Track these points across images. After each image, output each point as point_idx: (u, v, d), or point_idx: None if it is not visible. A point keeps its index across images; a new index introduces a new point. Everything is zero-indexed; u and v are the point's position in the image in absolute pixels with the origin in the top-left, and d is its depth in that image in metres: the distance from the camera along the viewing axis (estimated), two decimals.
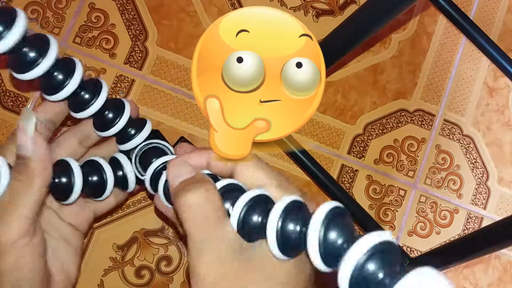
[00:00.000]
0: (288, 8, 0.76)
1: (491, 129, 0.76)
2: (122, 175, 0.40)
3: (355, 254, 0.20)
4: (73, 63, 0.37)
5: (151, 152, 0.40)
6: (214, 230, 0.26)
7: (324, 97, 0.74)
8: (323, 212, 0.23)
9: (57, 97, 0.36)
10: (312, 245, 0.22)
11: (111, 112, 0.39)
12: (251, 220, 0.26)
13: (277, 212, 0.25)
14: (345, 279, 0.21)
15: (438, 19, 0.78)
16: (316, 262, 0.23)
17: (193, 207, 0.27)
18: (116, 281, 0.68)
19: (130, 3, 0.73)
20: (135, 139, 0.40)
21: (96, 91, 0.38)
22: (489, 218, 0.74)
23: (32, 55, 0.33)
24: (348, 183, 0.73)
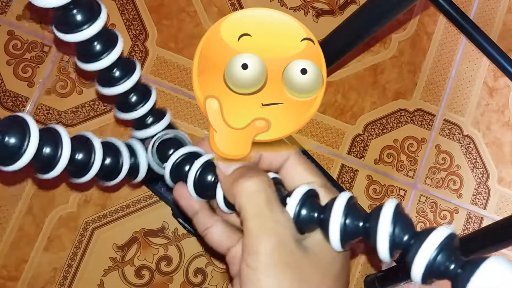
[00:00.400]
0: (288, 8, 0.76)
1: (491, 129, 0.76)
2: (134, 163, 0.38)
3: (427, 249, 0.23)
4: (116, 37, 0.37)
5: (170, 142, 0.38)
6: (275, 215, 0.27)
7: (324, 97, 0.74)
8: (390, 210, 0.25)
9: (95, 66, 0.36)
10: (382, 240, 0.24)
11: (137, 95, 0.38)
12: (307, 213, 0.28)
13: (340, 208, 0.26)
14: (419, 272, 0.23)
15: (438, 19, 0.78)
16: (383, 255, 0.25)
17: (255, 193, 0.27)
18: (116, 281, 0.68)
19: (130, 3, 0.73)
20: (154, 127, 0.39)
21: (130, 70, 0.37)
22: (489, 218, 0.74)
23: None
24: (348, 183, 0.73)
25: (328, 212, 0.27)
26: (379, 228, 0.24)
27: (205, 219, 0.33)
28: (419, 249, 0.23)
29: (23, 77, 0.70)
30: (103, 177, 0.36)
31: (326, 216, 0.27)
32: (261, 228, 0.26)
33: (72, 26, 0.32)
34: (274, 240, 0.26)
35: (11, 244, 0.67)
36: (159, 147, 0.38)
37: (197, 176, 0.33)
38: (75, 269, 0.68)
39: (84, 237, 0.68)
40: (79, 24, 0.32)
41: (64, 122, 0.70)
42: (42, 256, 0.67)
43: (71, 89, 0.71)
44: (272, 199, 0.28)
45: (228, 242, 0.32)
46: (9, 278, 0.67)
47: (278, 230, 0.26)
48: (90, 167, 0.34)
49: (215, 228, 0.33)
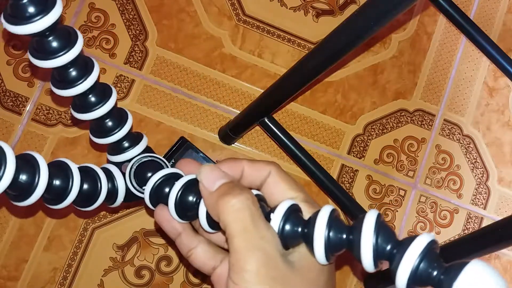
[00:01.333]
0: (288, 8, 0.76)
1: (491, 129, 0.76)
2: (111, 188, 0.37)
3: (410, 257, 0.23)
4: (91, 63, 0.37)
5: (148, 165, 0.37)
6: (260, 232, 0.27)
7: (324, 97, 0.74)
8: (372, 221, 0.25)
9: (68, 93, 0.35)
10: (366, 252, 0.25)
11: (113, 120, 0.38)
12: (291, 228, 0.28)
13: (323, 221, 0.27)
14: (403, 281, 0.23)
15: (438, 19, 0.78)
16: (368, 265, 0.25)
17: (240, 210, 0.27)
18: (116, 281, 0.68)
19: (130, 3, 0.73)
20: (131, 151, 0.38)
21: (105, 96, 0.37)
22: (489, 218, 0.74)
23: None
24: (348, 183, 0.73)
25: (311, 226, 0.27)
26: (362, 239, 0.25)
27: (188, 240, 0.33)
28: (402, 258, 0.23)
29: (23, 77, 0.70)
30: (80, 203, 0.35)
31: (310, 230, 0.27)
32: (247, 245, 0.26)
33: (48, 53, 0.33)
34: (261, 256, 0.26)
35: (11, 244, 0.67)
36: (137, 170, 0.37)
37: (178, 197, 0.32)
38: (75, 269, 0.68)
39: (84, 237, 0.68)
40: (55, 51, 0.33)
41: (64, 122, 0.70)
42: (42, 256, 0.67)
43: None
44: (256, 216, 0.28)
45: (212, 262, 0.32)
46: (9, 278, 0.67)
47: (264, 247, 0.27)
48: (67, 194, 0.33)
49: (199, 249, 0.33)
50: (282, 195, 0.31)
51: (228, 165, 0.31)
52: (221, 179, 0.30)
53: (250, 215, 0.27)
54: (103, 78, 0.71)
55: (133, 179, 0.37)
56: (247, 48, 0.74)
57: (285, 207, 0.28)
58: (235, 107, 0.72)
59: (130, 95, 0.71)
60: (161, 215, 0.34)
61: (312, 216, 0.28)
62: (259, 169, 0.31)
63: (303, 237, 0.28)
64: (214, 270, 0.32)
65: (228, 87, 0.73)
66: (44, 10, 0.31)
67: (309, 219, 0.28)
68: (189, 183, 0.33)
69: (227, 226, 0.27)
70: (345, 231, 0.26)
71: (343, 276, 0.71)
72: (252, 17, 0.75)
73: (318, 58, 0.48)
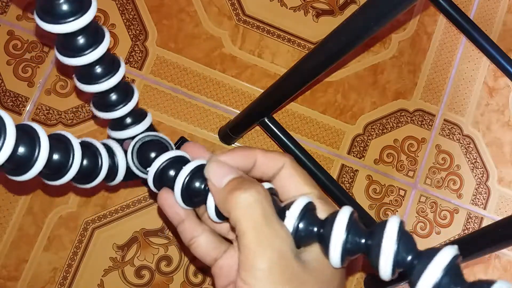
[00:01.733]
0: (288, 8, 0.76)
1: (491, 129, 0.76)
2: (112, 165, 0.34)
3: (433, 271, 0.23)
4: (102, 32, 0.34)
5: (151, 145, 0.35)
6: (273, 229, 0.26)
7: (324, 97, 0.74)
8: (395, 227, 0.24)
9: (76, 62, 0.33)
10: (386, 259, 0.24)
11: (118, 94, 0.35)
12: (306, 227, 0.27)
13: (342, 223, 0.26)
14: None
15: (438, 19, 0.78)
16: (385, 273, 0.24)
17: (251, 206, 0.26)
18: (116, 281, 0.68)
19: (130, 3, 0.73)
20: (135, 128, 0.36)
21: (114, 68, 0.34)
22: (489, 218, 0.74)
23: None
24: (348, 183, 0.73)
25: (328, 228, 0.26)
26: (383, 246, 0.24)
27: (191, 228, 0.31)
28: (424, 271, 0.23)
29: (23, 77, 0.70)
30: (80, 180, 0.33)
31: (327, 231, 0.26)
32: (259, 242, 0.25)
33: (58, 18, 0.30)
34: (273, 255, 0.25)
35: (11, 244, 0.67)
36: (140, 149, 0.35)
37: (186, 182, 0.30)
38: (75, 269, 0.68)
39: (84, 237, 0.68)
40: (65, 15, 0.30)
41: (64, 122, 0.70)
42: (42, 256, 0.67)
43: (71, 89, 0.71)
44: (269, 212, 0.26)
45: (215, 253, 0.31)
46: (9, 278, 0.67)
47: (277, 245, 0.25)
48: (68, 169, 0.31)
49: (202, 238, 0.31)
50: (296, 189, 0.29)
51: (241, 153, 0.29)
52: (230, 174, 0.28)
53: (262, 211, 0.26)
54: None
55: (135, 158, 0.35)
56: (247, 48, 0.74)
57: (301, 205, 0.27)
58: (235, 107, 0.72)
59: None
60: (165, 199, 0.32)
61: (330, 217, 0.27)
62: (273, 160, 0.30)
63: (319, 237, 0.27)
64: (216, 262, 0.31)
65: (228, 87, 0.73)
66: None
67: (326, 219, 0.27)
68: (198, 168, 0.31)
69: (237, 223, 0.26)
70: (364, 236, 0.25)
71: None
72: (252, 17, 0.75)
73: (318, 58, 0.48)
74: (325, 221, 0.27)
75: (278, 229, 0.26)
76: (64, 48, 0.32)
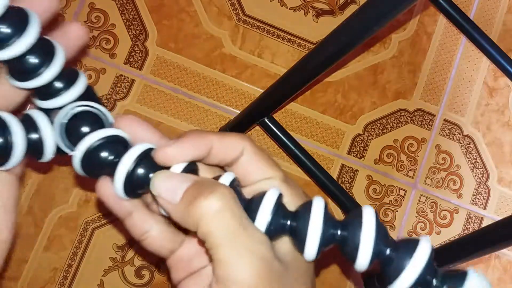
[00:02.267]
0: (288, 8, 0.76)
1: (491, 129, 0.76)
2: (36, 139, 0.28)
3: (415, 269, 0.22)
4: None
5: (84, 119, 0.28)
6: (251, 232, 0.23)
7: (324, 97, 0.74)
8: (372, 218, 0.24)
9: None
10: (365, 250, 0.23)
11: (36, 56, 0.27)
12: (278, 222, 0.24)
13: (319, 216, 0.24)
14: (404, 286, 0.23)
15: (438, 19, 0.78)
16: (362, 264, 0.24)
17: (220, 212, 0.23)
18: (116, 281, 0.68)
19: (130, 3, 0.73)
20: (63, 96, 0.28)
21: (21, 24, 0.26)
22: (489, 218, 0.74)
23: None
24: (348, 183, 0.73)
25: (302, 221, 0.24)
26: (362, 238, 0.23)
27: (141, 220, 0.27)
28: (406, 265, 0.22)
29: None
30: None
31: (301, 225, 0.24)
32: (237, 253, 0.22)
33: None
34: (255, 262, 0.22)
35: None
36: (69, 124, 0.28)
37: (130, 172, 0.25)
38: (75, 269, 0.68)
39: (84, 237, 0.68)
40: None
41: None
42: (42, 256, 0.67)
43: None
44: (240, 214, 0.23)
45: (171, 245, 0.27)
46: (9, 278, 0.67)
47: (257, 250, 0.23)
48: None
49: (155, 231, 0.27)
50: (259, 174, 0.26)
51: (193, 141, 0.25)
52: (182, 183, 0.24)
53: (233, 215, 0.23)
54: (103, 78, 0.71)
55: (64, 135, 0.28)
56: (247, 48, 0.74)
57: (273, 200, 0.24)
58: (235, 107, 0.72)
59: (130, 95, 0.71)
60: (106, 189, 0.27)
61: (302, 209, 0.25)
62: (232, 146, 0.26)
63: (291, 231, 0.25)
64: (173, 254, 0.27)
65: (228, 87, 0.73)
66: None
67: (298, 212, 0.25)
68: (145, 155, 0.26)
69: (207, 236, 0.23)
70: (339, 227, 0.24)
71: (343, 276, 0.71)
72: (252, 17, 0.75)
73: (318, 58, 0.48)
74: (297, 213, 0.25)
75: (253, 232, 0.23)
76: None
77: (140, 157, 0.26)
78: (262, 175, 0.26)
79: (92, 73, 0.71)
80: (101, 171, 0.27)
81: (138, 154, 0.26)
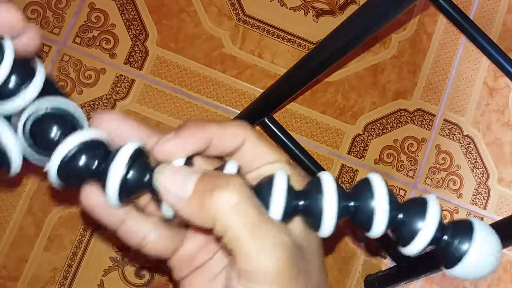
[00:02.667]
0: (288, 8, 0.76)
1: (491, 129, 0.76)
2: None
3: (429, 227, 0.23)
4: None
5: (52, 122, 0.23)
6: (270, 222, 0.22)
7: (324, 97, 0.74)
8: (382, 185, 0.24)
9: None
10: (380, 219, 0.23)
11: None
12: (291, 205, 0.23)
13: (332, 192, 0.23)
14: (418, 248, 0.23)
15: (438, 19, 0.78)
16: (379, 232, 0.24)
17: (240, 203, 0.21)
18: (116, 281, 0.68)
19: (130, 3, 0.73)
20: (19, 97, 0.23)
21: None
22: (489, 218, 0.74)
23: None
24: (348, 183, 0.73)
25: (315, 199, 0.23)
26: (376, 205, 0.23)
27: (138, 226, 0.25)
28: (420, 227, 0.23)
29: None
30: None
31: (315, 202, 0.23)
32: (261, 244, 0.21)
33: None
34: (280, 251, 0.22)
35: (11, 244, 0.67)
36: (35, 129, 0.23)
37: (124, 176, 0.23)
38: (75, 269, 0.68)
39: (84, 237, 0.68)
40: None
41: None
42: (42, 256, 0.67)
43: (71, 89, 0.71)
44: (256, 203, 0.22)
45: (173, 245, 0.26)
46: (9, 278, 0.67)
47: (280, 238, 0.22)
48: None
49: (155, 235, 0.25)
50: (263, 159, 0.25)
51: (192, 133, 0.24)
52: (192, 175, 0.22)
53: (251, 206, 0.22)
54: (103, 78, 0.71)
55: (30, 142, 0.23)
56: (247, 48, 0.74)
57: (284, 183, 0.23)
58: (235, 107, 0.72)
59: (130, 95, 0.71)
60: (93, 199, 0.24)
61: (312, 186, 0.24)
62: (234, 135, 0.25)
63: (304, 210, 0.24)
64: (175, 253, 0.26)
65: (228, 87, 0.73)
66: None
67: (309, 189, 0.24)
68: (137, 154, 0.23)
69: (227, 230, 0.22)
70: (351, 198, 0.24)
71: (343, 276, 0.71)
72: (252, 17, 0.75)
73: (318, 58, 0.48)
74: (308, 191, 0.24)
75: (271, 220, 0.22)
76: None
77: (132, 158, 0.23)
78: (265, 159, 0.25)
79: (92, 73, 0.71)
80: (83, 180, 0.24)
81: (130, 155, 0.23)
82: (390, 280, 0.67)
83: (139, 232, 0.25)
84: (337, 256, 0.70)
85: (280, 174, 0.24)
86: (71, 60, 0.71)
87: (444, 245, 0.22)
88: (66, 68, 0.71)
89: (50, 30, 0.72)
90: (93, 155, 0.23)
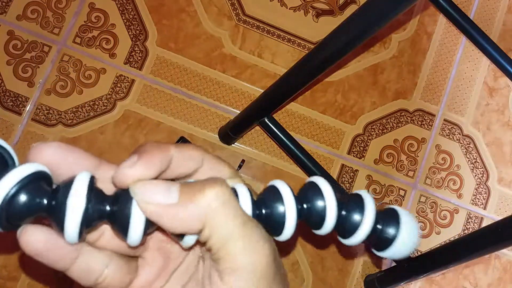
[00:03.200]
0: (288, 8, 0.76)
1: (491, 129, 0.76)
2: None
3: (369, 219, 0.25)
4: None
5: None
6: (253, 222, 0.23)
7: (324, 97, 0.74)
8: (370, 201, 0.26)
9: None
10: (330, 221, 0.25)
11: None
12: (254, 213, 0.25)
13: (291, 200, 0.25)
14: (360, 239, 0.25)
15: (438, 19, 0.78)
16: (327, 231, 0.26)
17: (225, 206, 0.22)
18: None
19: (130, 3, 0.73)
20: None
21: None
22: (489, 218, 0.74)
23: None
24: (348, 183, 0.73)
25: (276, 205, 0.24)
26: (327, 207, 0.25)
27: (93, 262, 0.23)
28: (360, 221, 0.25)
29: (23, 77, 0.70)
30: None
31: (275, 211, 0.24)
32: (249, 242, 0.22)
33: None
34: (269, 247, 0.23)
35: (11, 244, 0.67)
36: None
37: (86, 209, 0.21)
38: None
39: None
40: None
41: (64, 122, 0.70)
42: None
43: (71, 89, 0.71)
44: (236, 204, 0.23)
45: (128, 277, 0.24)
46: (9, 278, 0.67)
47: (265, 234, 0.23)
48: None
49: (111, 269, 0.24)
50: (224, 177, 0.25)
51: (153, 154, 0.22)
52: (173, 184, 0.22)
53: (237, 206, 0.23)
54: (103, 78, 0.71)
55: None
56: (247, 48, 0.74)
57: (248, 197, 0.24)
58: (235, 107, 0.72)
59: (130, 95, 0.71)
60: (37, 240, 0.22)
61: (271, 195, 0.25)
62: (192, 156, 0.24)
63: (265, 219, 0.25)
64: (131, 284, 0.25)
65: (228, 87, 0.73)
66: None
67: (267, 199, 0.25)
68: (91, 184, 0.21)
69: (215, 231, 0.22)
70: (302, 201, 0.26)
71: (343, 276, 0.71)
72: (252, 17, 0.75)
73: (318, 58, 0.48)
74: (265, 200, 0.25)
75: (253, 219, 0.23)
76: None
77: (89, 188, 0.21)
78: (226, 177, 0.25)
79: (92, 73, 0.71)
80: (26, 221, 0.22)
81: (87, 186, 0.21)
82: (390, 280, 0.67)
83: (95, 268, 0.23)
84: (337, 256, 0.70)
85: (241, 186, 0.25)
86: (71, 60, 0.71)
87: (378, 232, 0.25)
88: (66, 68, 0.71)
89: (50, 30, 0.71)
90: (38, 191, 0.21)
